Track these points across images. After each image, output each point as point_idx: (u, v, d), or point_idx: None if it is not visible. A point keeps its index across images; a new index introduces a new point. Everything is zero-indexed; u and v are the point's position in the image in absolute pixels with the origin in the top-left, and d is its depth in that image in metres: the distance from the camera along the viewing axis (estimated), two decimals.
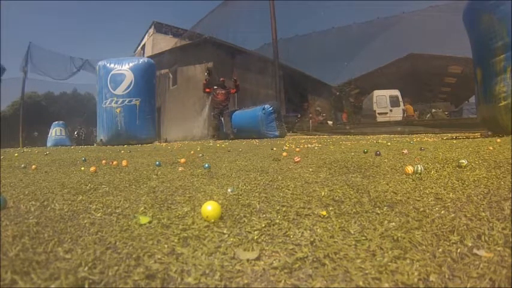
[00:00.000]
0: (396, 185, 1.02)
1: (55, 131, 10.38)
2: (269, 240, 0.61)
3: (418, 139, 3.84)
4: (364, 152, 2.09)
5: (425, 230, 0.63)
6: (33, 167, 2.02)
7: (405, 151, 1.94)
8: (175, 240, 0.61)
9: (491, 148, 1.90)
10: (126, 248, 0.58)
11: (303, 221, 0.71)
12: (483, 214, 0.70)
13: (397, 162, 1.55)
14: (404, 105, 12.59)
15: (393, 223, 0.67)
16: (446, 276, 0.46)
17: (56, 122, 10.63)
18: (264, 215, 0.76)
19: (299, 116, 13.28)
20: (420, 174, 1.17)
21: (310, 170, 1.46)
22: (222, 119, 7.51)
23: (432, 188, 0.95)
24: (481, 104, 3.52)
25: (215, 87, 7.63)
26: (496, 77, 3.12)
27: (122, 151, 3.62)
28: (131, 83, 6.08)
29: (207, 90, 7.81)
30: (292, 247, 0.57)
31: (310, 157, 2.00)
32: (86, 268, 0.50)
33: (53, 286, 0.44)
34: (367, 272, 0.48)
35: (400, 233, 0.61)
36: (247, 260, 0.52)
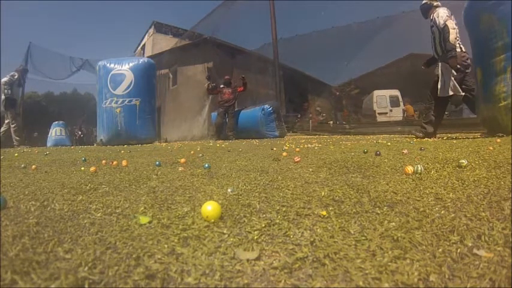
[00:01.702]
0: (396, 185, 1.02)
1: (55, 131, 10.36)
2: (269, 240, 0.61)
3: (418, 139, 3.83)
4: (364, 152, 2.09)
5: (425, 230, 0.63)
6: (33, 167, 2.02)
7: (405, 151, 1.94)
8: (175, 240, 0.61)
9: (491, 148, 1.90)
10: (126, 248, 0.58)
11: (303, 221, 0.71)
12: (483, 214, 0.70)
13: (397, 162, 1.55)
14: (404, 105, 12.59)
15: (393, 223, 0.67)
16: (446, 276, 0.46)
17: (56, 122, 10.61)
18: (264, 215, 0.76)
19: (299, 116, 13.29)
20: (420, 174, 1.17)
21: (310, 170, 1.46)
22: (227, 119, 7.31)
23: (432, 188, 0.95)
24: (481, 104, 3.53)
25: (222, 86, 7.46)
26: (496, 77, 3.13)
27: (122, 151, 3.62)
28: (131, 83, 6.07)
29: (215, 92, 7.69)
30: (292, 247, 0.57)
31: (310, 157, 2.00)
32: (86, 268, 0.50)
33: (53, 286, 0.44)
34: (367, 272, 0.48)
35: (400, 233, 0.61)
36: (247, 260, 0.52)
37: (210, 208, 0.72)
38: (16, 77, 6.61)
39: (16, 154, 3.42)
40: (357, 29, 13.22)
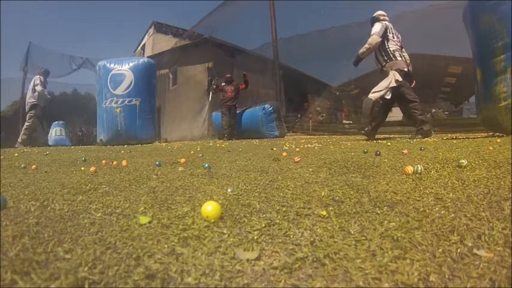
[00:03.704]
0: (396, 185, 1.02)
1: (55, 131, 10.34)
2: (269, 240, 0.61)
3: (418, 139, 3.84)
4: (364, 152, 2.09)
5: (425, 230, 0.63)
6: (33, 167, 2.02)
7: (405, 151, 1.94)
8: (175, 240, 0.61)
9: (491, 148, 1.90)
10: (126, 248, 0.58)
11: (303, 221, 0.71)
12: (483, 214, 0.70)
13: (397, 162, 1.55)
14: None
15: (393, 223, 0.67)
16: (446, 276, 0.46)
17: (56, 122, 10.58)
18: (264, 215, 0.76)
19: (299, 116, 13.28)
20: (420, 174, 1.17)
21: (310, 170, 1.46)
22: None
23: (432, 188, 0.95)
24: (481, 104, 3.53)
25: (223, 84, 7.43)
26: (496, 77, 3.12)
27: (122, 151, 3.62)
28: (131, 83, 6.07)
29: (217, 90, 7.64)
30: (292, 247, 0.57)
31: (310, 157, 2.00)
32: (86, 268, 0.50)
33: (53, 286, 0.44)
34: (367, 272, 0.48)
35: (400, 233, 0.61)
36: (247, 260, 0.52)
37: (210, 208, 0.72)
38: (42, 80, 7.12)
39: (16, 154, 3.42)
40: (357, 29, 13.18)
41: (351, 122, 13.20)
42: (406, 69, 3.74)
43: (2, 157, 2.91)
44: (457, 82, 16.52)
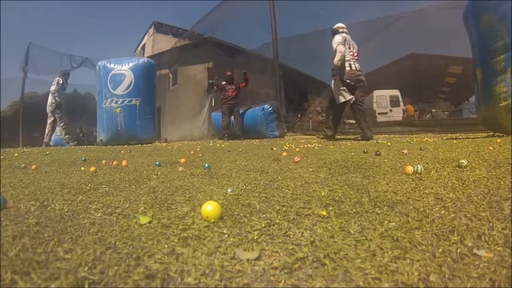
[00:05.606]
0: (396, 185, 1.02)
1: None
2: (269, 240, 0.61)
3: (418, 139, 3.84)
4: (364, 152, 2.09)
5: (425, 230, 0.63)
6: (33, 167, 2.02)
7: (405, 151, 1.94)
8: (175, 240, 0.61)
9: (491, 148, 1.90)
10: (126, 248, 0.58)
11: (303, 221, 0.71)
12: (483, 214, 0.70)
13: (397, 162, 1.55)
14: (404, 105, 12.59)
15: (393, 223, 0.67)
16: (446, 276, 0.46)
17: None
18: (264, 215, 0.76)
19: (299, 116, 13.28)
20: (420, 174, 1.17)
21: (310, 170, 1.46)
22: (232, 116, 7.17)
23: (432, 188, 0.95)
24: (481, 104, 3.53)
25: (223, 82, 7.36)
26: (496, 77, 3.12)
27: (122, 151, 3.62)
28: (131, 83, 6.07)
29: (217, 90, 7.62)
30: (292, 247, 0.57)
31: (310, 157, 2.00)
32: (86, 268, 0.50)
33: (53, 286, 0.44)
34: (367, 272, 0.48)
35: (400, 233, 0.61)
36: (247, 260, 0.52)
37: (210, 208, 0.72)
38: (61, 82, 7.22)
39: (16, 154, 3.42)
40: (357, 29, 13.18)
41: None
42: (347, 81, 4.28)
43: (2, 157, 2.91)
44: (457, 82, 16.54)
